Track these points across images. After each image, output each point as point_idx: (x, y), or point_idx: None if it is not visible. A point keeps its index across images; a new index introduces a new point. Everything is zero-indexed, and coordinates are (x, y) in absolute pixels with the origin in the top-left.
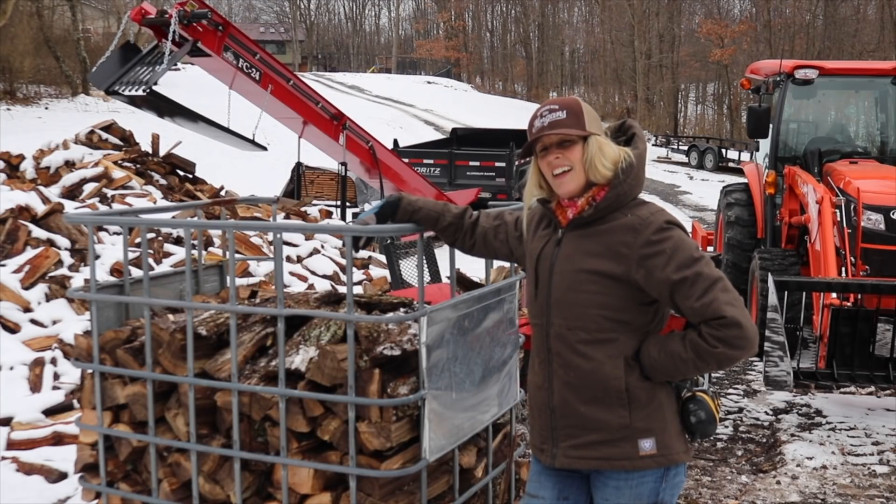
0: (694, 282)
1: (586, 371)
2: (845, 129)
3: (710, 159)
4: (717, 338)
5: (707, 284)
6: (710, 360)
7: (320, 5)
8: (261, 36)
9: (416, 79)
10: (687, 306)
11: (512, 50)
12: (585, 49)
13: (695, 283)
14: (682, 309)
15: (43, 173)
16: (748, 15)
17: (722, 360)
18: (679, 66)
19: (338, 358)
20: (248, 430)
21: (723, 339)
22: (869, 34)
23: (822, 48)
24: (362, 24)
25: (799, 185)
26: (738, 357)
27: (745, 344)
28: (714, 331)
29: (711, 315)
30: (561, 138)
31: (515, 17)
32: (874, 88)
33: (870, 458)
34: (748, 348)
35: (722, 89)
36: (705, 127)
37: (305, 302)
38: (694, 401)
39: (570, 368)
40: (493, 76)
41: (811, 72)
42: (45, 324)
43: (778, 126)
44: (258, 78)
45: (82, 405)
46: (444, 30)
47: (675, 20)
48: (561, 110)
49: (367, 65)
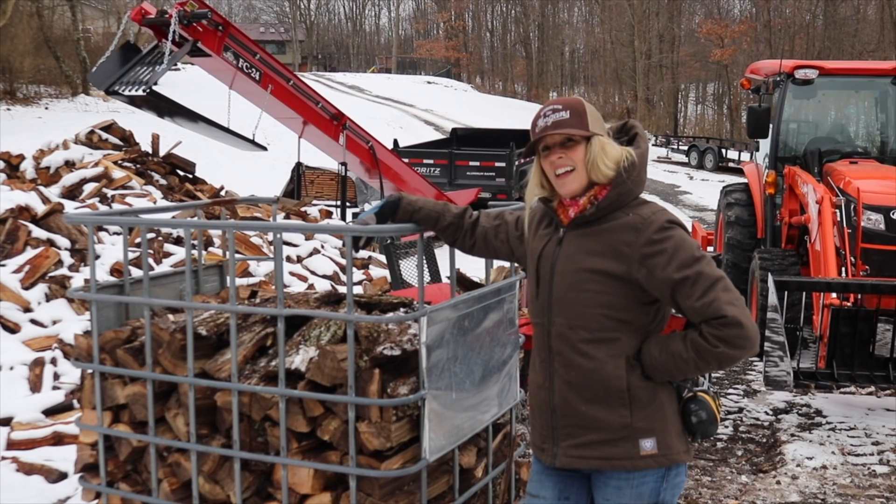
0: (695, 281)
1: (587, 370)
2: (845, 129)
3: (710, 159)
4: (717, 337)
5: (708, 284)
6: (711, 360)
7: (320, 5)
8: (261, 36)
9: (416, 79)
10: (688, 305)
11: (512, 50)
12: (585, 49)
13: (696, 283)
14: (683, 308)
15: (43, 173)
16: (748, 15)
17: (723, 359)
18: (679, 66)
19: (338, 358)
20: (248, 430)
21: (724, 338)
22: (869, 34)
23: (822, 48)
24: (362, 24)
25: (799, 185)
26: (738, 357)
27: (745, 343)
28: (715, 330)
29: (712, 314)
30: (564, 138)
31: (515, 17)
32: (874, 88)
33: (870, 458)
34: (749, 348)
35: (722, 89)
36: (705, 127)
37: (305, 302)
38: (695, 401)
39: (571, 368)
40: (493, 76)
41: (811, 72)
42: (45, 324)
43: (778, 126)
44: (258, 78)
45: (82, 405)
46: (444, 30)
47: (675, 20)
48: (564, 110)
49: (367, 65)
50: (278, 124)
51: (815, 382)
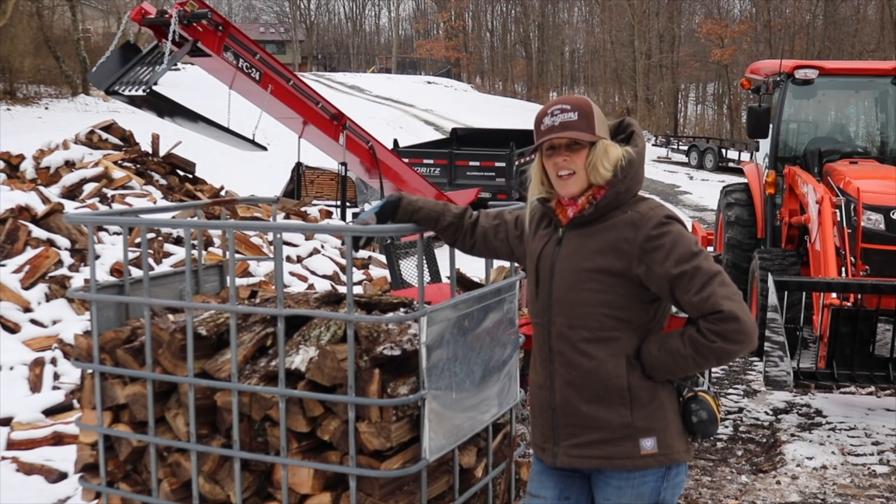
0: (692, 276)
1: (588, 370)
2: (845, 129)
3: (710, 159)
4: (714, 332)
5: (705, 279)
6: (709, 356)
7: (320, 5)
8: (261, 36)
9: (416, 79)
10: (686, 301)
11: (512, 50)
12: (585, 49)
13: (693, 278)
14: (681, 304)
15: (43, 173)
16: (748, 15)
17: (721, 354)
18: (679, 66)
19: (338, 358)
20: (248, 430)
21: (720, 333)
22: (869, 34)
23: (822, 48)
24: (362, 24)
25: (799, 185)
26: (736, 352)
27: (742, 338)
28: (712, 325)
29: (709, 309)
30: (571, 141)
31: (515, 17)
32: (874, 88)
33: (870, 458)
34: (746, 343)
35: (722, 89)
36: (705, 127)
37: (305, 302)
38: (696, 400)
39: (571, 367)
40: (493, 76)
41: (811, 72)
42: (45, 324)
43: (778, 126)
44: (258, 78)
45: (82, 405)
46: (444, 30)
47: (675, 20)
48: (573, 111)
49: (367, 65)
50: (278, 124)
51: (815, 382)
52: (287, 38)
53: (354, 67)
